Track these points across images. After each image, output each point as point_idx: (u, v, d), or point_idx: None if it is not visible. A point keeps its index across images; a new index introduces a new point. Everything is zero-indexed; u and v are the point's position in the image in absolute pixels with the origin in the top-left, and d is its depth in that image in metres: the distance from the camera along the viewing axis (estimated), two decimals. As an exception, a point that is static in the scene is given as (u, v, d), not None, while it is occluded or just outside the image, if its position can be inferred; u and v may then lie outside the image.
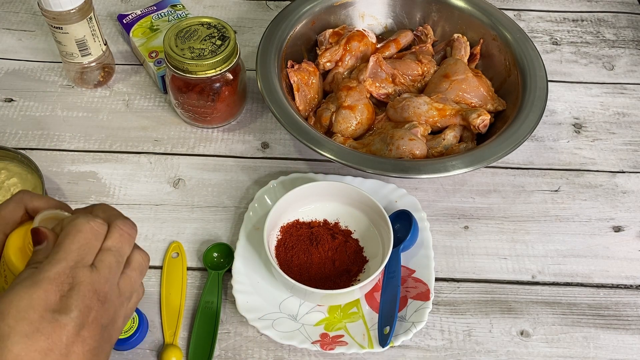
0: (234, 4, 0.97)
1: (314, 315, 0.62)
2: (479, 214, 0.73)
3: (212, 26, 0.73)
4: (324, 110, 0.76)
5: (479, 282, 0.67)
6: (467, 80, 0.77)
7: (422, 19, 0.88)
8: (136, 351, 0.61)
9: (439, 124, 0.74)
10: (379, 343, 0.60)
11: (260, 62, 0.75)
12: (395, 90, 0.79)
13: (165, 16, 0.87)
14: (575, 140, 0.81)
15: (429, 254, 0.66)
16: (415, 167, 0.66)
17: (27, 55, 0.87)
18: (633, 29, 0.96)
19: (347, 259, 0.65)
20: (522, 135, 0.69)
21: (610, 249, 0.70)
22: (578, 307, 0.66)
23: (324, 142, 0.68)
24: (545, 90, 0.74)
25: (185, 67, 0.70)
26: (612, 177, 0.77)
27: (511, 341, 0.63)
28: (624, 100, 0.86)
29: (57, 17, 0.73)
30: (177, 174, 0.75)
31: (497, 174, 0.77)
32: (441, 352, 0.62)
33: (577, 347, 0.63)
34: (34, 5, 0.95)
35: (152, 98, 0.83)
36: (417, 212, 0.69)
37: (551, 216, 0.73)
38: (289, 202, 0.65)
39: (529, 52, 0.78)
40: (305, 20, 0.82)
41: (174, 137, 0.79)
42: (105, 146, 0.78)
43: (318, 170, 0.75)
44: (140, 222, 0.70)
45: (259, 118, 0.82)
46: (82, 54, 0.78)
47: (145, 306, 0.63)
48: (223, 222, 0.71)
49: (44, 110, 0.81)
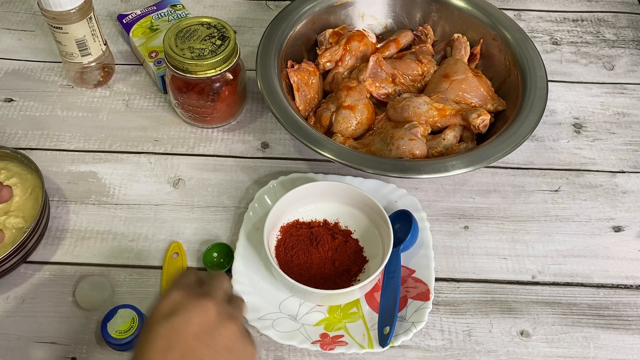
0: (234, 4, 0.97)
1: (314, 315, 0.62)
2: (479, 214, 0.73)
3: (212, 26, 0.73)
4: (324, 110, 0.76)
5: (479, 282, 0.67)
6: (467, 80, 0.76)
7: (422, 19, 0.88)
8: (136, 351, 0.61)
9: (439, 124, 0.74)
10: (379, 343, 0.60)
11: (260, 62, 0.75)
12: (395, 90, 0.79)
13: (165, 16, 0.87)
14: (575, 140, 0.81)
15: (429, 254, 0.66)
16: (415, 167, 0.66)
17: (27, 55, 0.87)
18: (633, 29, 0.96)
19: (347, 259, 0.65)
20: (522, 135, 0.69)
21: (610, 249, 0.70)
22: (578, 307, 0.66)
23: (324, 142, 0.68)
24: (545, 90, 0.74)
25: (185, 67, 0.70)
26: (612, 177, 0.77)
27: (511, 341, 0.63)
28: (624, 100, 0.86)
29: (57, 17, 0.73)
30: (177, 174, 0.75)
31: (497, 174, 0.77)
32: (441, 352, 0.62)
33: (577, 347, 0.63)
34: (34, 5, 0.95)
35: (152, 98, 0.83)
36: (417, 212, 0.69)
37: (551, 216, 0.73)
38: (289, 202, 0.65)
39: (529, 52, 0.78)
40: (305, 20, 0.82)
41: (174, 137, 0.79)
42: (105, 146, 0.78)
43: (318, 170, 0.75)
44: (140, 222, 0.70)
45: (259, 118, 0.82)
46: (82, 54, 0.78)
47: (145, 306, 0.63)
48: (223, 222, 0.71)
49: (44, 110, 0.81)
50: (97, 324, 0.62)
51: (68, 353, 0.60)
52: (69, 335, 0.61)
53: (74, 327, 0.62)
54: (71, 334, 0.62)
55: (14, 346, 0.61)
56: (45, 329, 0.62)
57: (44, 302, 0.64)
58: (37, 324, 0.62)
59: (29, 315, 0.63)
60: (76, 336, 0.61)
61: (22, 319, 0.62)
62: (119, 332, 0.59)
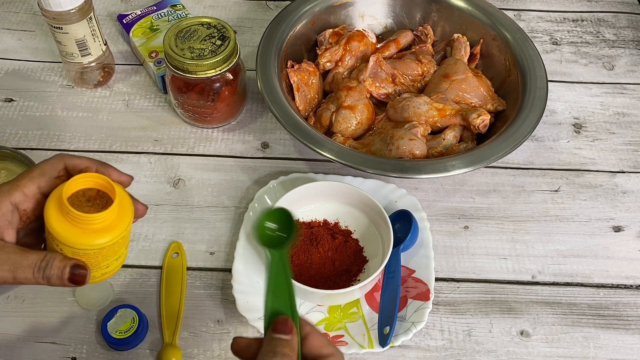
0: (234, 4, 0.97)
1: (314, 315, 0.62)
2: (479, 214, 0.73)
3: (212, 26, 0.73)
4: (324, 110, 0.76)
5: (479, 282, 0.67)
6: (467, 80, 0.77)
7: (422, 19, 0.88)
8: (136, 351, 0.61)
9: (439, 124, 0.74)
10: (379, 343, 0.60)
11: (260, 62, 0.75)
12: (395, 90, 0.79)
13: (165, 16, 0.87)
14: (575, 140, 0.81)
15: (429, 254, 0.66)
16: (415, 167, 0.66)
17: (27, 55, 0.87)
18: (633, 29, 0.96)
19: (347, 259, 0.65)
20: (522, 135, 0.69)
21: (610, 249, 0.70)
22: (578, 307, 0.66)
23: (324, 142, 0.68)
24: (545, 90, 0.74)
25: (185, 67, 0.70)
26: (612, 177, 0.77)
27: (511, 341, 0.63)
28: (624, 100, 0.86)
29: (57, 17, 0.73)
30: (177, 174, 0.75)
31: (497, 174, 0.77)
32: (441, 352, 0.62)
33: (577, 347, 0.63)
34: (34, 5, 0.95)
35: (152, 98, 0.83)
36: (417, 212, 0.69)
37: (551, 216, 0.73)
38: (288, 202, 0.65)
39: (529, 52, 0.78)
40: (305, 20, 0.82)
41: (174, 137, 0.79)
42: (105, 146, 0.78)
43: (318, 170, 0.75)
44: (140, 222, 0.70)
45: (259, 118, 0.82)
46: (82, 54, 0.78)
47: (145, 306, 0.63)
48: (223, 222, 0.71)
49: (44, 110, 0.81)
50: (97, 324, 0.62)
51: (68, 353, 0.60)
52: (69, 335, 0.61)
53: (74, 327, 0.62)
54: (71, 334, 0.62)
55: (14, 346, 0.61)
56: (45, 329, 0.62)
57: (44, 302, 0.64)
58: (37, 324, 0.62)
59: (29, 315, 0.63)
60: (76, 336, 0.61)
61: (22, 319, 0.62)
62: (119, 332, 0.59)
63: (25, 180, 0.43)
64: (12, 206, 0.43)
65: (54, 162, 0.45)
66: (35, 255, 0.43)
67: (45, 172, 0.44)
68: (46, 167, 0.45)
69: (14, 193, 0.43)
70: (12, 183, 0.44)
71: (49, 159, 0.46)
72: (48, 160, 0.45)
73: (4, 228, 0.43)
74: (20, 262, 0.42)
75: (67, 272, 0.43)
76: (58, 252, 0.43)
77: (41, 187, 0.44)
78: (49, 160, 0.45)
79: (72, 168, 0.45)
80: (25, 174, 0.44)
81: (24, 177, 0.44)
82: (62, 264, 0.43)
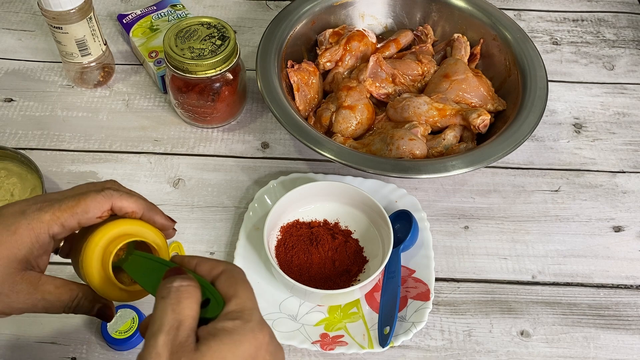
0: (234, 4, 0.97)
1: (314, 315, 0.62)
2: (479, 214, 0.73)
3: (212, 26, 0.73)
4: (324, 110, 0.76)
5: (479, 282, 0.67)
6: (467, 80, 0.76)
7: (422, 19, 0.88)
8: (136, 351, 0.61)
9: (439, 124, 0.74)
10: (379, 343, 0.60)
11: (260, 62, 0.75)
12: (395, 90, 0.79)
13: (165, 16, 0.87)
14: (575, 140, 0.81)
15: (429, 254, 0.66)
16: (415, 167, 0.66)
17: (27, 55, 0.87)
18: (633, 29, 0.96)
19: (347, 259, 0.65)
20: (522, 135, 0.69)
21: (610, 249, 0.70)
22: (578, 307, 0.66)
23: (324, 142, 0.68)
24: (545, 90, 0.74)
25: (185, 67, 0.70)
26: (612, 177, 0.77)
27: (511, 341, 0.63)
28: (624, 100, 0.86)
29: (57, 17, 0.73)
30: (177, 174, 0.75)
31: (497, 174, 0.77)
32: (441, 352, 0.62)
33: (577, 347, 0.63)
34: (34, 5, 0.95)
35: (152, 98, 0.83)
36: (417, 212, 0.69)
37: (551, 216, 0.73)
38: (289, 202, 0.65)
39: (529, 52, 0.78)
40: (305, 20, 0.82)
41: (174, 137, 0.79)
42: (105, 146, 0.78)
43: (318, 170, 0.75)
44: (140, 222, 0.70)
45: (259, 118, 0.82)
46: (82, 53, 0.78)
47: (145, 306, 0.63)
48: (223, 222, 0.71)
49: (44, 110, 0.81)
50: (97, 324, 0.62)
51: (68, 353, 0.60)
52: (69, 335, 0.61)
53: (74, 327, 0.62)
54: (71, 334, 0.62)
55: (14, 346, 0.61)
56: (45, 329, 0.62)
57: (44, 302, 0.64)
58: (37, 324, 0.62)
59: (29, 315, 0.63)
60: (76, 336, 0.61)
61: (22, 319, 0.62)
62: (119, 332, 0.59)
63: (67, 215, 0.42)
64: (50, 238, 0.43)
65: (101, 202, 0.43)
66: (67, 296, 0.45)
67: (89, 210, 0.43)
68: (92, 205, 0.43)
69: (54, 226, 0.42)
70: (52, 213, 0.42)
71: (96, 192, 0.44)
72: (95, 196, 0.43)
73: (40, 257, 0.44)
74: (54, 303, 0.44)
75: (94, 310, 0.46)
76: (87, 288, 0.45)
77: (82, 223, 0.44)
78: (96, 197, 0.43)
79: (118, 210, 0.44)
80: (67, 206, 0.43)
81: (65, 209, 0.42)
82: (91, 304, 0.45)
